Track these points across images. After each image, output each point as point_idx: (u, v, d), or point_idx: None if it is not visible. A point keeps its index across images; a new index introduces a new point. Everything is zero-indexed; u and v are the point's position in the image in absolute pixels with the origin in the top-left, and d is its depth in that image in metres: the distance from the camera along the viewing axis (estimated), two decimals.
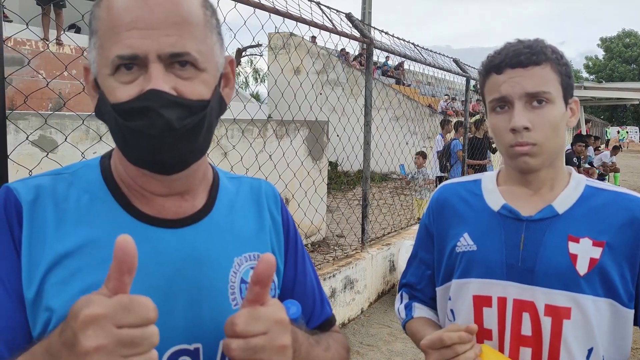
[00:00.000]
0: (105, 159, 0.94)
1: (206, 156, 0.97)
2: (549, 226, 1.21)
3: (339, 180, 13.77)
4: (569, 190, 1.24)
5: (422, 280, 1.45)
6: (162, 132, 0.79)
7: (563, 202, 1.23)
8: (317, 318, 1.10)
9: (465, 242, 1.29)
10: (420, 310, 1.44)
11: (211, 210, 0.95)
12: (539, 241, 1.21)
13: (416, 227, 7.27)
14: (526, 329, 1.20)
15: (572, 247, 1.19)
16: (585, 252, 1.18)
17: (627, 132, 42.80)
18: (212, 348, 0.89)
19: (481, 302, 1.25)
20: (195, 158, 0.88)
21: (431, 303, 1.44)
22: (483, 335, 1.24)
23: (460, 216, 1.32)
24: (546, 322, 1.19)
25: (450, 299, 1.33)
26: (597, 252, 1.18)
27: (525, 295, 1.21)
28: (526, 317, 1.20)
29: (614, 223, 1.19)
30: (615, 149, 15.21)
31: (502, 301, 1.23)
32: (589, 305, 1.17)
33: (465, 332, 1.11)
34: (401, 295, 1.52)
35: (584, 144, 10.20)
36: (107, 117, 0.84)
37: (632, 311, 1.19)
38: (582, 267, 1.18)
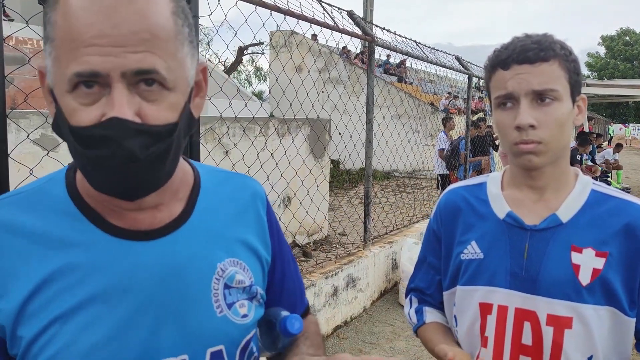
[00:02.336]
0: (71, 171, 0.88)
1: (181, 162, 0.92)
2: (553, 236, 1.20)
3: (341, 179, 13.76)
4: (574, 195, 1.22)
5: (432, 285, 1.43)
6: (124, 164, 0.73)
7: (567, 209, 1.21)
8: (298, 309, 1.11)
9: (473, 250, 1.28)
10: (431, 315, 1.43)
11: (191, 215, 0.90)
12: (542, 251, 1.20)
13: (418, 225, 7.27)
14: (527, 339, 1.20)
15: (575, 258, 1.18)
16: (588, 262, 1.17)
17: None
18: (199, 357, 0.87)
19: (485, 309, 1.25)
20: (162, 183, 0.81)
21: (441, 307, 1.43)
22: (482, 342, 1.25)
23: (467, 223, 1.31)
24: (548, 332, 1.18)
25: (455, 304, 1.32)
26: (600, 263, 1.16)
27: (527, 305, 1.20)
28: (527, 327, 1.20)
29: (618, 232, 1.17)
30: (618, 147, 15.18)
31: (503, 309, 1.22)
32: (590, 315, 1.16)
33: None
34: (410, 300, 1.49)
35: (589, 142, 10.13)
36: (67, 138, 0.77)
37: (634, 319, 1.18)
38: (584, 278, 1.17)
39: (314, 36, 15.39)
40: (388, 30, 6.19)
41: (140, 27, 0.72)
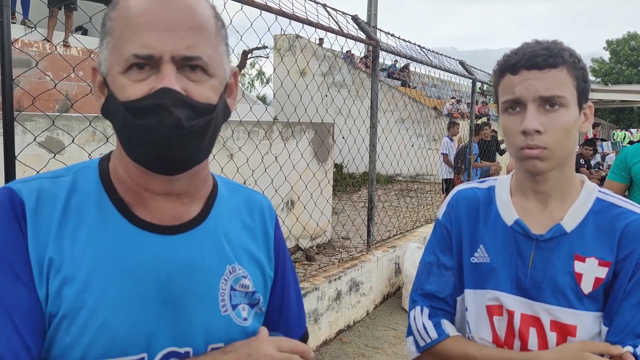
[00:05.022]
0: (104, 161, 0.95)
1: (208, 163, 0.98)
2: (557, 245, 1.21)
3: (344, 182, 13.76)
4: (578, 203, 1.23)
5: (446, 287, 1.33)
6: (171, 130, 0.81)
7: (571, 219, 1.21)
8: (295, 334, 1.11)
9: (482, 254, 1.28)
10: (452, 329, 1.31)
11: (207, 218, 0.96)
12: (547, 260, 1.21)
13: (422, 230, 7.26)
14: (533, 344, 1.21)
15: (578, 267, 1.19)
16: (590, 272, 1.18)
17: None
18: (201, 352, 0.91)
19: (493, 311, 1.25)
20: (199, 160, 0.90)
21: (453, 316, 1.34)
22: (500, 345, 1.25)
23: (477, 227, 1.31)
24: (552, 338, 1.19)
25: (467, 309, 1.31)
26: (602, 272, 1.17)
27: (532, 311, 1.21)
28: (533, 332, 1.21)
29: (621, 241, 1.18)
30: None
31: (510, 314, 1.23)
32: (592, 322, 1.18)
33: None
34: (421, 310, 1.33)
35: (593, 149, 10.02)
36: (116, 116, 0.85)
37: (607, 329, 1.18)
38: (586, 286, 1.18)
39: (320, 40, 15.44)
40: (392, 35, 6.20)
41: (189, 17, 0.84)
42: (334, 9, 4.97)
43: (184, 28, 0.83)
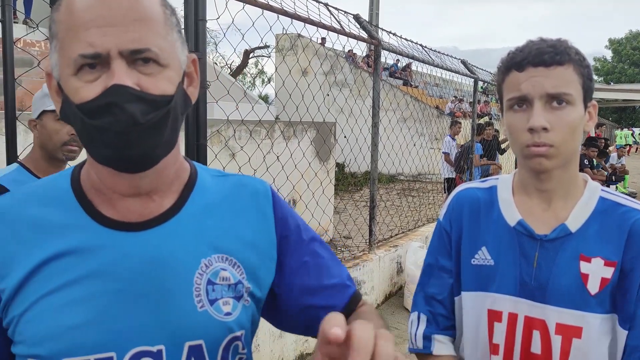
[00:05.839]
0: (78, 167, 0.95)
1: (180, 155, 0.96)
2: (562, 245, 1.19)
3: (346, 182, 13.77)
4: (581, 203, 1.21)
5: (444, 289, 1.34)
6: (127, 127, 0.79)
7: (576, 219, 1.20)
8: (340, 299, 1.06)
9: (484, 256, 1.27)
10: (440, 346, 1.33)
11: (179, 211, 0.93)
12: (552, 260, 1.19)
13: (424, 229, 7.25)
14: (536, 347, 1.19)
15: (584, 267, 1.17)
16: (596, 272, 1.16)
17: None
18: (176, 349, 0.88)
19: (493, 316, 1.24)
20: (162, 154, 0.87)
21: (452, 318, 1.35)
22: (491, 349, 1.24)
23: (479, 228, 1.29)
24: (556, 341, 1.17)
25: (463, 312, 1.29)
26: (608, 272, 1.16)
27: (536, 313, 1.19)
28: (536, 335, 1.19)
29: (629, 240, 1.16)
30: (620, 150, 15.09)
31: (513, 317, 1.22)
32: (598, 324, 1.16)
33: None
34: (418, 317, 1.37)
35: (597, 149, 9.98)
36: (73, 118, 0.84)
37: (626, 332, 1.16)
38: (593, 287, 1.16)
39: (323, 40, 15.45)
40: (394, 34, 6.20)
41: (132, 9, 0.81)
42: (335, 8, 4.97)
43: (128, 21, 0.80)
